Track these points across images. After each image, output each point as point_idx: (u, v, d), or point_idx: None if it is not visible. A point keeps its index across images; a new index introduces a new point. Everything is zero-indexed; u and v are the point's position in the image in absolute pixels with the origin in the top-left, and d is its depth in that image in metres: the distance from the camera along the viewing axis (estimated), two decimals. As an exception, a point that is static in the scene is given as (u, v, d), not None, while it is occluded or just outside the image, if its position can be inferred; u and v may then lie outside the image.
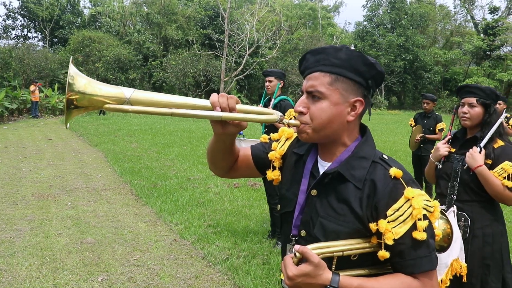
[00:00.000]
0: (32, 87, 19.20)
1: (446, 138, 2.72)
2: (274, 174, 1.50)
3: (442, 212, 2.02)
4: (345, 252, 1.21)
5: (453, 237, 1.93)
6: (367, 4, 40.74)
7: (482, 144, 2.49)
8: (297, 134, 1.34)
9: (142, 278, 3.85)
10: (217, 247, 4.58)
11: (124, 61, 28.59)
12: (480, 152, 2.46)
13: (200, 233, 5.00)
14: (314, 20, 48.63)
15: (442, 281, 2.36)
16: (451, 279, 2.41)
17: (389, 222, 1.18)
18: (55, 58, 28.33)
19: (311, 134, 1.28)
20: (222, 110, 1.22)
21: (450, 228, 1.92)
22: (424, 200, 1.19)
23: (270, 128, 4.64)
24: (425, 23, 38.39)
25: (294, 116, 1.33)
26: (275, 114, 1.28)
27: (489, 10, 36.41)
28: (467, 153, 2.50)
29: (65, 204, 6.11)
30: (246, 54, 28.96)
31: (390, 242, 1.17)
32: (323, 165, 1.35)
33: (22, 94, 20.66)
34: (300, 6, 48.07)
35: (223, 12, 28.58)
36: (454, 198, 2.56)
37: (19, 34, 36.59)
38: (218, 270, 4.06)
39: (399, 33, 36.38)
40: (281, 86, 4.71)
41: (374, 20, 39.89)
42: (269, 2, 34.12)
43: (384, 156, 1.30)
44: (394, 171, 1.22)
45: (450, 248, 2.34)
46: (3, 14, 35.24)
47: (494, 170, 2.43)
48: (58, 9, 35.13)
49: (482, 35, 35.96)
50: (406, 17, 37.58)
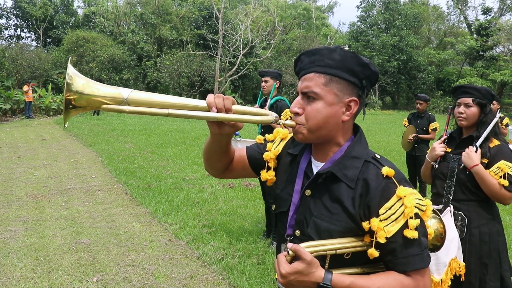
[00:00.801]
0: (25, 88, 19.08)
1: (442, 138, 2.73)
2: (268, 175, 1.51)
3: (435, 211, 2.04)
4: (338, 250, 1.22)
5: (445, 236, 1.95)
6: (361, 4, 40.86)
7: (478, 143, 2.51)
8: (292, 134, 1.36)
9: (137, 278, 3.86)
10: (212, 247, 4.59)
11: (118, 61, 28.51)
12: (476, 151, 2.48)
13: (195, 233, 5.01)
14: (308, 20, 48.71)
15: (442, 280, 2.38)
16: (454, 279, 2.44)
17: (381, 221, 1.20)
18: (49, 58, 28.20)
19: (307, 135, 1.30)
20: (218, 111, 1.23)
21: (443, 227, 1.94)
22: (416, 199, 1.21)
23: (266, 129, 4.65)
24: (418, 24, 38.57)
25: (290, 116, 1.34)
26: (271, 115, 1.30)
27: (482, 11, 36.64)
28: (463, 152, 2.52)
29: (59, 204, 6.09)
30: (240, 54, 28.95)
31: (382, 240, 1.19)
32: (317, 165, 1.36)
33: (16, 95, 20.54)
34: (294, 6, 48.17)
35: (217, 12, 28.56)
36: (451, 197, 2.58)
37: (12, 34, 36.43)
38: (213, 270, 4.07)
39: (393, 33, 36.51)
40: (277, 86, 4.72)
41: (368, 20, 40.03)
42: (263, 2, 34.17)
43: (376, 155, 1.31)
44: (386, 170, 1.23)
45: (448, 247, 2.36)
46: (-4, 14, 35.03)
47: (490, 169, 2.45)
48: (52, 9, 34.98)
49: (475, 36, 36.16)
50: (400, 17, 37.73)
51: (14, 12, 35.19)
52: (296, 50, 35.30)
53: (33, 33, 36.40)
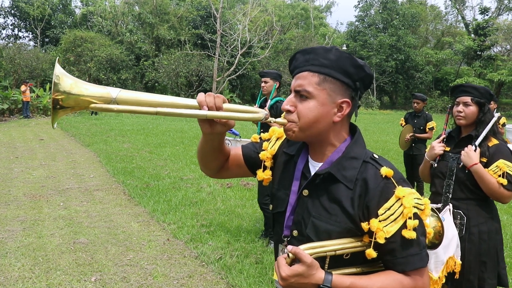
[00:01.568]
0: (23, 87, 19.03)
1: (441, 137, 2.74)
2: (265, 174, 1.51)
3: (433, 209, 2.04)
4: (337, 251, 1.23)
5: (444, 234, 1.96)
6: (359, 4, 40.92)
7: (477, 142, 2.52)
8: (284, 132, 1.36)
9: (135, 278, 3.85)
10: (210, 247, 4.59)
11: (116, 61, 28.43)
12: (475, 150, 2.49)
13: (193, 232, 5.01)
14: (306, 20, 48.71)
15: (440, 278, 2.39)
16: (448, 277, 2.45)
17: (380, 221, 1.20)
18: (47, 58, 28.08)
19: (298, 133, 1.29)
20: (209, 109, 1.23)
21: (441, 225, 1.95)
22: (414, 198, 1.21)
23: (266, 129, 4.64)
24: (416, 23, 38.64)
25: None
26: (261, 113, 1.29)
27: (479, 11, 36.79)
28: (462, 151, 2.53)
29: (57, 204, 6.08)
30: (238, 54, 28.92)
31: (381, 240, 1.19)
32: (314, 165, 1.36)
33: (13, 94, 20.50)
34: (292, 6, 48.14)
35: (215, 12, 28.52)
36: (450, 196, 2.59)
37: (10, 33, 36.29)
38: (211, 269, 4.07)
39: (391, 33, 36.58)
40: (277, 87, 4.71)
41: (366, 20, 40.10)
42: (261, 2, 34.15)
43: (374, 155, 1.31)
44: (385, 171, 1.24)
45: (448, 245, 2.37)
46: (-6, 14, 34.94)
47: (489, 168, 2.46)
48: (49, 8, 34.83)
49: (472, 36, 36.24)
50: (397, 17, 37.80)
51: (12, 11, 35.06)
52: (294, 50, 35.26)
53: (30, 32, 36.27)
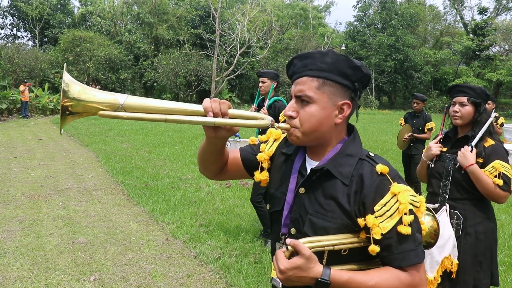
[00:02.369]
0: (21, 87, 19.02)
1: (438, 138, 2.75)
2: (262, 175, 1.52)
3: (429, 209, 2.06)
4: (335, 246, 1.24)
5: (439, 233, 1.97)
6: (358, 4, 40.92)
7: (473, 143, 2.53)
8: (287, 137, 1.38)
9: (134, 278, 3.86)
10: (209, 246, 4.60)
11: (115, 61, 28.44)
12: (471, 151, 2.50)
13: (192, 232, 5.02)
14: (305, 20, 48.70)
15: (435, 278, 2.40)
16: (445, 276, 2.46)
17: (376, 217, 1.22)
18: (45, 57, 28.09)
19: (301, 138, 1.32)
20: (215, 115, 1.24)
21: (437, 224, 1.96)
22: (410, 195, 1.23)
23: (264, 129, 4.64)
24: (415, 23, 38.67)
25: (286, 119, 1.36)
26: (267, 119, 1.31)
27: (478, 11, 36.83)
28: (459, 152, 2.54)
29: (56, 204, 6.09)
30: (237, 54, 28.94)
31: (378, 236, 1.21)
32: (311, 163, 1.38)
33: (12, 94, 20.46)
34: (291, 6, 48.12)
35: (214, 12, 28.54)
36: (447, 196, 2.60)
37: (8, 33, 36.30)
38: (210, 269, 4.08)
39: (390, 33, 36.59)
40: (275, 86, 4.73)
41: (364, 20, 40.08)
42: (260, 2, 34.14)
43: (370, 154, 1.33)
44: (380, 168, 1.25)
45: (442, 246, 2.38)
46: (-8, 13, 34.92)
47: (485, 169, 2.47)
48: (48, 8, 34.82)
49: (471, 36, 36.33)
50: (396, 17, 37.81)
51: (10, 11, 35.05)
52: (293, 49, 35.35)
53: (29, 32, 36.26)
